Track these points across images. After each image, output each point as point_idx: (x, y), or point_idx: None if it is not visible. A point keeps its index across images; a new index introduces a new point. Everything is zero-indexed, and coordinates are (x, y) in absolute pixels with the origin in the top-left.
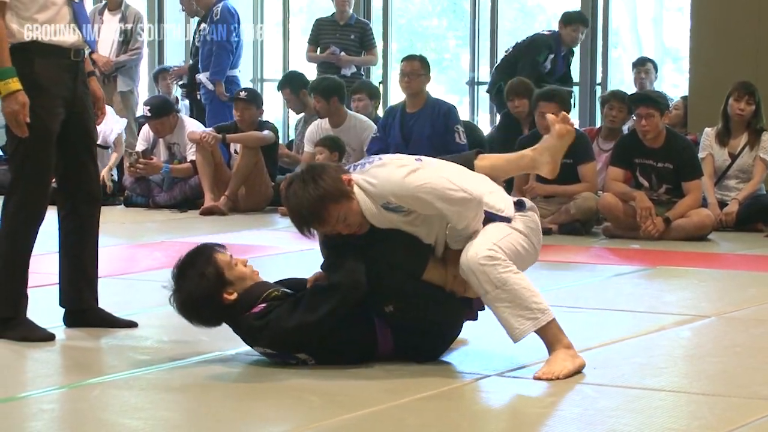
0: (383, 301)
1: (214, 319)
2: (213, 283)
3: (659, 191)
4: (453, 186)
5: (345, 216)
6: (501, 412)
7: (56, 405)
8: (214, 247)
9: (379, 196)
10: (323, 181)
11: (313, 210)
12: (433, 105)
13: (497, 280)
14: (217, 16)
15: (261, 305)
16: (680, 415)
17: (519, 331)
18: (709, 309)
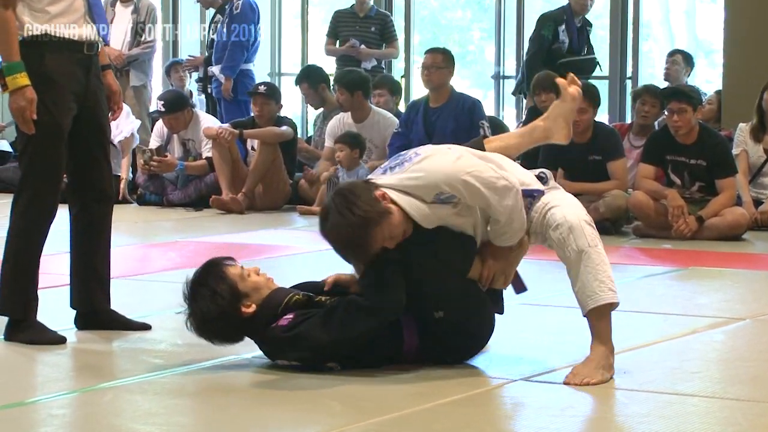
0: (433, 307)
1: (235, 336)
2: (228, 299)
3: (692, 189)
4: (495, 174)
5: (389, 234)
6: (527, 417)
7: (67, 410)
8: (222, 261)
9: (431, 188)
10: (358, 207)
11: (359, 240)
12: (457, 99)
13: (592, 239)
14: (237, 10)
15: (288, 316)
16: (713, 422)
17: (597, 297)
18: (743, 311)
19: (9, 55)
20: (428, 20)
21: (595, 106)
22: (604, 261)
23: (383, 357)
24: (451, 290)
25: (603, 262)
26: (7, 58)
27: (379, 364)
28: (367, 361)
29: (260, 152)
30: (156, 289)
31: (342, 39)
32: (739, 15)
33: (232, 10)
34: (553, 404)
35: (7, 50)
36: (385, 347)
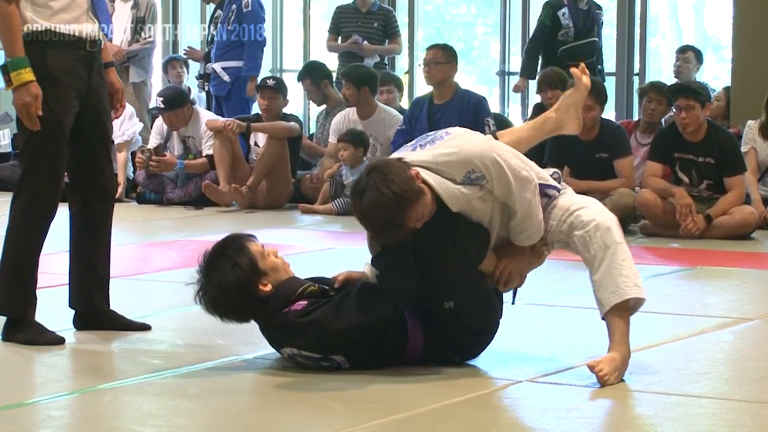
0: (444, 296)
1: (246, 313)
2: (247, 272)
3: (700, 187)
4: (521, 164)
5: (422, 213)
6: (533, 419)
7: (66, 411)
8: (244, 236)
9: (464, 164)
10: (395, 184)
11: (394, 216)
12: (462, 96)
13: (620, 237)
14: (248, 8)
15: (302, 302)
16: (721, 423)
17: (622, 292)
18: (752, 311)
19: (13, 51)
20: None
21: (602, 103)
22: (630, 258)
23: (387, 356)
24: (464, 281)
25: (628, 258)
26: (11, 53)
27: (383, 364)
28: (371, 361)
29: (268, 146)
30: (156, 289)
31: (344, 35)
32: (747, 10)
33: (240, 9)
34: (558, 405)
35: (11, 45)
36: (390, 346)
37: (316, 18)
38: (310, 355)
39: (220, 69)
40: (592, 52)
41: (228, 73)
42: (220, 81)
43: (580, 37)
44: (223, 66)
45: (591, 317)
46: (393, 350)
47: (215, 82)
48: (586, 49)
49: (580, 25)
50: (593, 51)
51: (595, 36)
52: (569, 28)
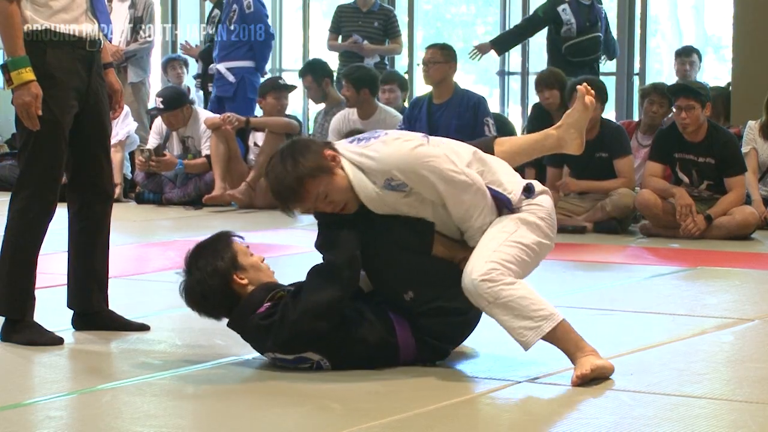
0: (401, 288)
1: (221, 305)
2: (226, 263)
3: (700, 187)
4: (455, 168)
5: (326, 193)
6: (531, 420)
7: (64, 412)
8: (231, 233)
9: (382, 172)
10: (302, 157)
11: (291, 186)
12: (461, 96)
13: (489, 295)
14: (249, 9)
15: (266, 304)
16: (722, 424)
17: (524, 342)
18: (752, 312)
19: (14, 50)
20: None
21: (603, 103)
22: (514, 302)
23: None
24: (413, 269)
25: (511, 307)
26: (12, 52)
27: (374, 363)
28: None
29: (268, 141)
30: (155, 289)
31: (345, 34)
32: (748, 10)
33: (242, 10)
34: (557, 406)
35: (11, 45)
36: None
37: (315, 18)
38: (283, 357)
39: (225, 69)
40: (595, 48)
41: (233, 74)
42: (225, 81)
43: (583, 32)
44: (227, 66)
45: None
46: (380, 348)
47: (219, 83)
48: (589, 44)
49: (582, 20)
50: (597, 46)
51: (598, 31)
52: (571, 24)
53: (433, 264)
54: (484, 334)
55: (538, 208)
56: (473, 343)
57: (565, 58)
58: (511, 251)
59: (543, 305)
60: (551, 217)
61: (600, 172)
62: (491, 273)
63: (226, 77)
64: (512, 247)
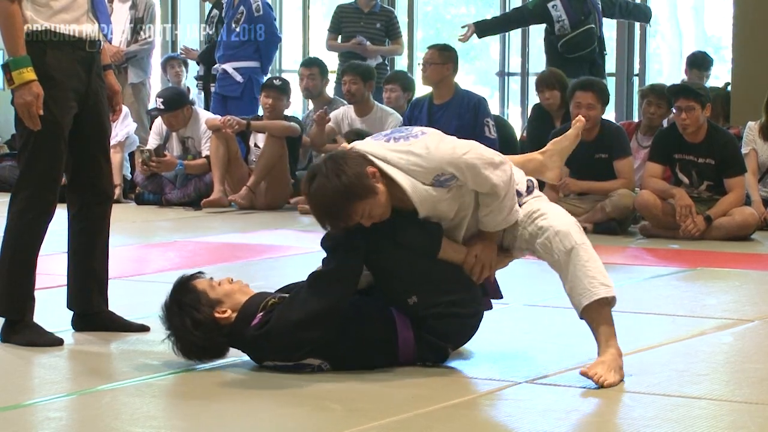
0: (405, 292)
1: (218, 345)
2: (198, 307)
3: (700, 188)
4: (489, 151)
5: (369, 211)
6: (532, 420)
7: (64, 413)
8: (188, 277)
9: (433, 169)
10: (347, 176)
11: (338, 207)
12: (461, 97)
13: (579, 238)
14: (259, 12)
15: (259, 315)
16: (721, 425)
17: (589, 293)
18: (752, 312)
19: (15, 50)
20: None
21: (604, 104)
22: (594, 257)
23: (377, 356)
24: (418, 273)
25: (592, 258)
26: (13, 52)
27: (373, 364)
28: (361, 359)
29: (267, 146)
30: (154, 290)
31: (346, 35)
32: (748, 11)
33: (251, 13)
34: (558, 407)
35: (13, 44)
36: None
37: (315, 18)
38: (285, 365)
39: (232, 70)
40: (590, 41)
41: (240, 74)
42: (232, 81)
43: (577, 27)
44: (234, 66)
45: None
46: (380, 348)
47: (225, 82)
48: (584, 38)
49: (576, 15)
50: (591, 39)
51: (591, 23)
52: (563, 20)
53: (438, 268)
54: (484, 335)
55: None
56: (473, 344)
57: (563, 56)
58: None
59: (606, 275)
60: None
61: (600, 173)
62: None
63: (234, 77)
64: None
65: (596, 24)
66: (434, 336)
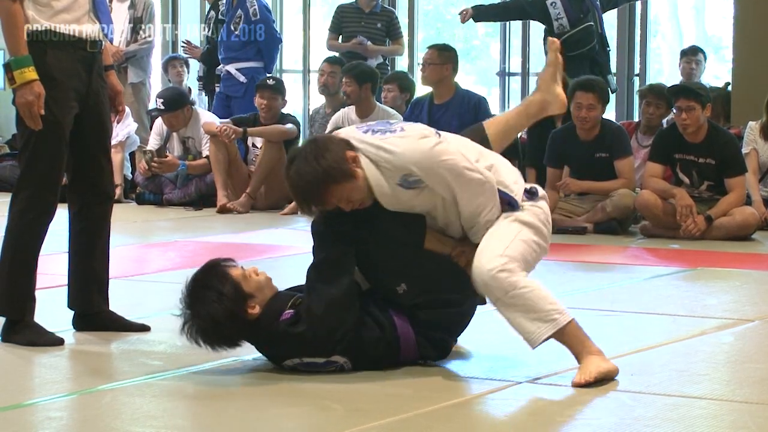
0: (394, 281)
1: (239, 339)
2: (234, 300)
3: (701, 188)
4: (471, 166)
5: (348, 195)
6: (532, 421)
7: (65, 413)
8: (222, 262)
9: (399, 168)
10: (325, 160)
11: (315, 190)
12: (462, 96)
13: (508, 285)
14: (256, 16)
15: (289, 312)
16: (722, 425)
17: (536, 335)
18: (752, 312)
19: (17, 49)
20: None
21: (604, 104)
22: (528, 297)
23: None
24: (405, 261)
25: (526, 299)
26: (15, 52)
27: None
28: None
29: (265, 151)
30: (155, 290)
31: (346, 35)
32: (748, 11)
33: (248, 16)
34: (558, 407)
35: (14, 44)
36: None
37: (315, 18)
38: (312, 362)
39: (235, 71)
40: (589, 39)
41: (243, 74)
42: (235, 82)
43: (576, 25)
44: (237, 67)
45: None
46: (384, 347)
47: (229, 83)
48: (583, 35)
49: (573, 13)
50: (590, 37)
51: (590, 21)
52: (561, 18)
53: (425, 256)
54: (484, 335)
55: (540, 211)
56: (473, 344)
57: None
58: (519, 248)
59: (555, 302)
60: (549, 222)
61: (600, 173)
62: (507, 265)
63: (237, 78)
64: (520, 244)
65: (596, 21)
66: (428, 328)
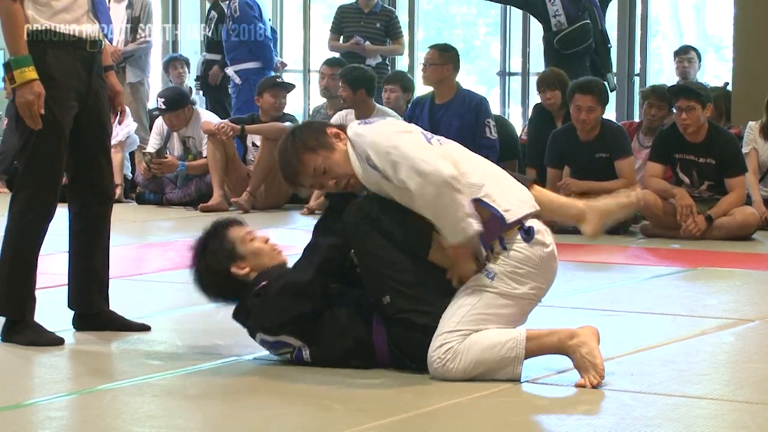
0: (381, 290)
1: (225, 295)
2: (222, 258)
3: (701, 188)
4: (427, 159)
5: (324, 168)
6: (532, 421)
7: (65, 412)
8: (229, 222)
9: (362, 151)
10: (303, 133)
11: (291, 160)
12: (463, 97)
13: (467, 364)
14: (236, 13)
15: (263, 282)
16: (722, 425)
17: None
18: (753, 312)
19: (17, 49)
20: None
21: (603, 105)
22: (483, 358)
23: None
24: (397, 272)
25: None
26: (15, 51)
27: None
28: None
29: (263, 149)
30: (155, 290)
31: (346, 35)
32: (748, 10)
33: (232, 14)
34: (558, 407)
35: (14, 43)
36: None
37: (315, 18)
38: (266, 339)
39: (233, 72)
40: (585, 36)
41: (239, 75)
42: (232, 84)
43: (574, 22)
44: (234, 69)
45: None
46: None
47: (232, 84)
48: (579, 33)
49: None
50: (587, 34)
51: (586, 18)
52: (559, 15)
53: (419, 273)
54: None
55: (525, 257)
56: None
57: (559, 52)
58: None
59: (505, 336)
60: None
61: (601, 173)
62: (446, 344)
63: (234, 79)
64: (477, 315)
65: (594, 19)
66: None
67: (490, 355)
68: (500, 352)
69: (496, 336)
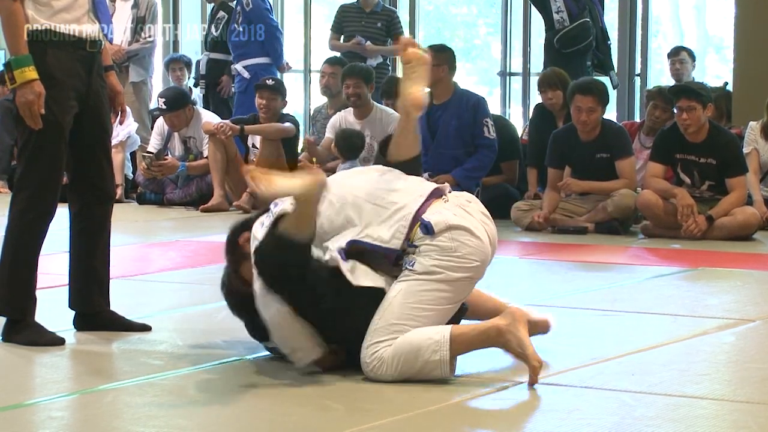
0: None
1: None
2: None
3: (702, 188)
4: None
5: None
6: (532, 421)
7: (66, 412)
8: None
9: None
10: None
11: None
12: (460, 96)
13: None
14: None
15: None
16: (723, 425)
17: (441, 371)
18: (753, 312)
19: (17, 49)
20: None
21: (603, 105)
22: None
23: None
24: (345, 335)
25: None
26: (15, 51)
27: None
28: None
29: (264, 148)
30: (156, 290)
31: (347, 35)
32: (749, 10)
33: (244, 9)
34: (559, 407)
35: (15, 43)
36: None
37: (316, 18)
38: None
39: (241, 68)
40: (585, 35)
41: (248, 70)
42: (241, 78)
43: (577, 20)
44: (243, 64)
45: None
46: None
47: (236, 79)
48: (579, 31)
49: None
50: (587, 33)
51: (586, 17)
52: (562, 11)
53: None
54: None
55: (433, 249)
56: None
57: (559, 51)
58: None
59: (429, 336)
60: (455, 248)
61: (601, 173)
62: (374, 352)
63: (242, 74)
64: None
65: (593, 17)
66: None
67: (414, 363)
68: (423, 356)
69: (418, 340)
